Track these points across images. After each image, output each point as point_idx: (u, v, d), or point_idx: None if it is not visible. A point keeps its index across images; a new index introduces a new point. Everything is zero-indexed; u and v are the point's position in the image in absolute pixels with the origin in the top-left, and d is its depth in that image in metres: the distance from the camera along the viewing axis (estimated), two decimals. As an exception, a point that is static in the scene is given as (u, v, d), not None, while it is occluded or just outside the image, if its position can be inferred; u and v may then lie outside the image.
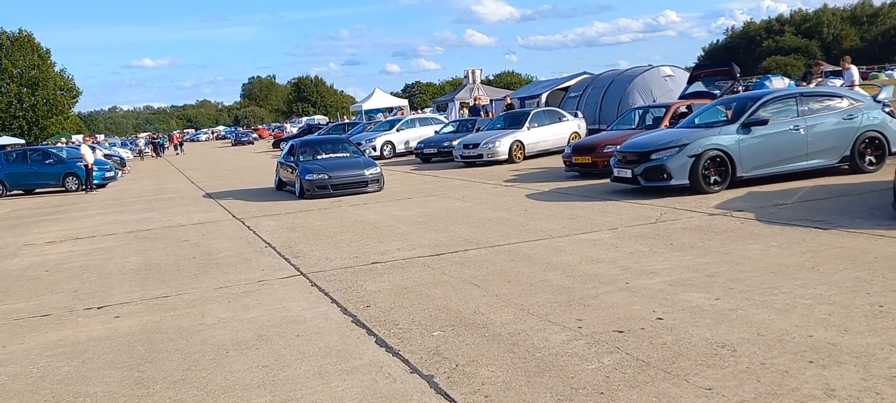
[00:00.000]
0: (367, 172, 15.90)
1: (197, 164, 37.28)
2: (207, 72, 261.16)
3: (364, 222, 11.48)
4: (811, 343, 4.49)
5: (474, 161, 20.44)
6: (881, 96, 13.43)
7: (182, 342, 5.82)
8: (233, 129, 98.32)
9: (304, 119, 79.08)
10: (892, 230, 7.45)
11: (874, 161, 11.65)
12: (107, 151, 39.85)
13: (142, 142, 60.74)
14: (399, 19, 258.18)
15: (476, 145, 20.51)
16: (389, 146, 28.40)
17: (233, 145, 67.35)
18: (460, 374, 4.57)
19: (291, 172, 16.75)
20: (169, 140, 68.85)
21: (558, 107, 24.76)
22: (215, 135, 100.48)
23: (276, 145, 47.28)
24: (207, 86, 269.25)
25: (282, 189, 18.01)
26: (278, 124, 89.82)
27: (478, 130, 23.49)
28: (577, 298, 6.04)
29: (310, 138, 20.04)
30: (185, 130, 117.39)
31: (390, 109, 55.99)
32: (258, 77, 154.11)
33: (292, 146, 17.91)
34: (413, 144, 26.73)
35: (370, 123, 35.41)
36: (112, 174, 26.53)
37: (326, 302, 6.70)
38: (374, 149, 27.53)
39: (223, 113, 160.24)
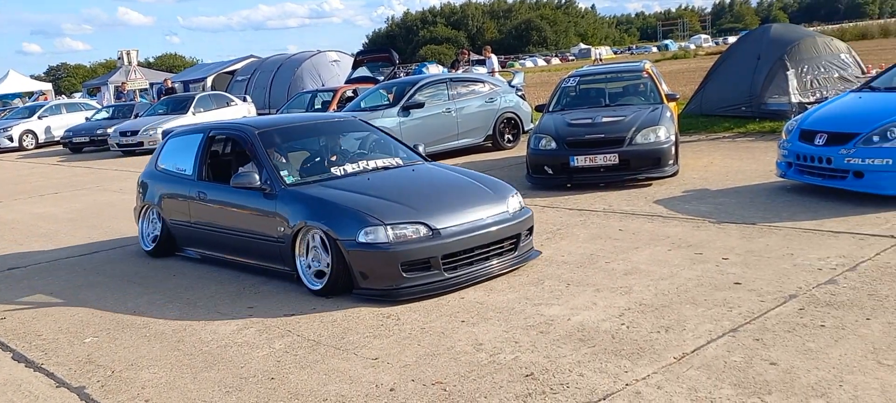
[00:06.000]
0: (510, 207, 5.67)
1: None
2: None
3: (-3, 223, 9.94)
4: (463, 305, 4.94)
5: (134, 149, 18.91)
6: (514, 82, 15.24)
7: None
8: None
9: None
10: (527, 197, 8.51)
11: (511, 138, 13.23)
12: None
13: None
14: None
15: (135, 132, 18.99)
16: (30, 135, 24.89)
17: None
18: (117, 380, 4.18)
19: (243, 213, 6.05)
20: None
21: (226, 91, 23.97)
22: None
23: None
24: None
25: (160, 251, 7.11)
26: None
27: (136, 116, 21.75)
28: (249, 286, 5.90)
29: (284, 119, 7.58)
30: None
31: (30, 94, 49.13)
32: None
33: (208, 137, 6.84)
34: (60, 133, 23.82)
35: (5, 110, 30.71)
36: None
37: (-54, 321, 5.66)
38: (11, 139, 23.99)
39: None
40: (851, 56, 12.76)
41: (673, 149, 8.54)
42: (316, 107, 16.45)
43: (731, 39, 52.56)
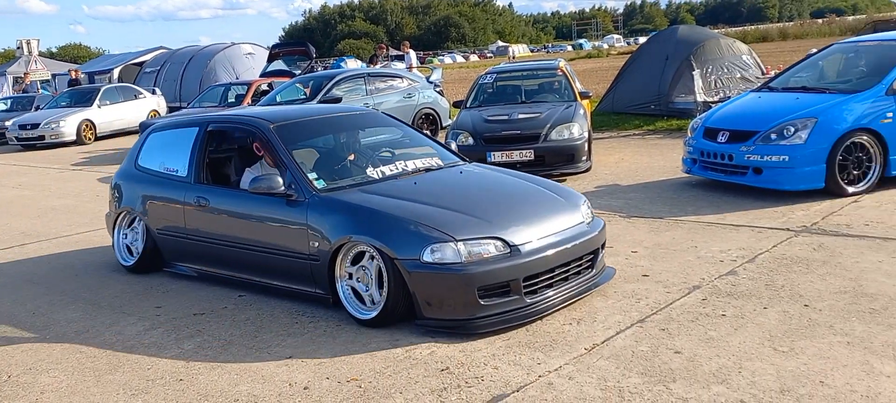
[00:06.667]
0: (584, 216, 4.81)
1: None
2: None
3: None
4: (379, 301, 4.91)
5: (35, 143, 18.00)
6: (433, 78, 15.30)
7: None
8: None
9: None
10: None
11: (429, 134, 13.25)
12: None
13: None
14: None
15: (36, 125, 18.07)
16: (-82, 128, 23.31)
17: None
18: (14, 386, 3.97)
19: (260, 225, 5.08)
20: None
21: (134, 84, 23.09)
22: None
23: None
24: None
25: (144, 266, 6.04)
26: None
27: (37, 108, 20.70)
28: (156, 284, 5.70)
29: (299, 111, 6.51)
30: None
31: (-83, 84, 45.95)
32: None
33: (206, 132, 5.78)
34: (-49, 125, 22.41)
35: None
36: None
37: None
38: None
39: None
40: (752, 57, 13.38)
41: (586, 145, 8.74)
42: (229, 100, 16.05)
43: (642, 40, 54.29)
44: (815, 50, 9.51)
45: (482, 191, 5.04)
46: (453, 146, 5.87)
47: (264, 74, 19.13)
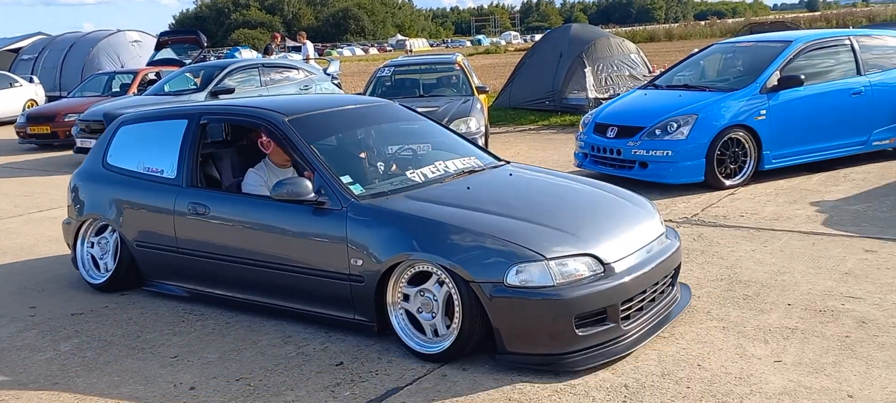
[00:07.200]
0: (662, 227, 4.27)
1: None
2: None
3: None
4: (272, 296, 4.80)
5: None
6: (330, 70, 15.13)
7: None
8: None
9: None
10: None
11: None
12: None
13: None
14: None
15: None
16: None
17: None
18: None
19: (281, 237, 4.22)
20: None
21: (9, 72, 21.64)
22: None
23: None
24: None
25: (118, 284, 5.09)
26: None
27: None
28: (33, 284, 5.36)
29: (313, 101, 6.29)
30: None
31: None
32: None
33: (199, 126, 4.85)
34: None
35: None
36: None
37: None
38: None
39: None
40: (640, 56, 13.94)
41: (483, 139, 8.87)
42: (114, 90, 15.30)
43: (538, 37, 55.44)
44: (697, 50, 10.00)
45: (549, 197, 4.26)
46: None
47: (152, 63, 18.34)
